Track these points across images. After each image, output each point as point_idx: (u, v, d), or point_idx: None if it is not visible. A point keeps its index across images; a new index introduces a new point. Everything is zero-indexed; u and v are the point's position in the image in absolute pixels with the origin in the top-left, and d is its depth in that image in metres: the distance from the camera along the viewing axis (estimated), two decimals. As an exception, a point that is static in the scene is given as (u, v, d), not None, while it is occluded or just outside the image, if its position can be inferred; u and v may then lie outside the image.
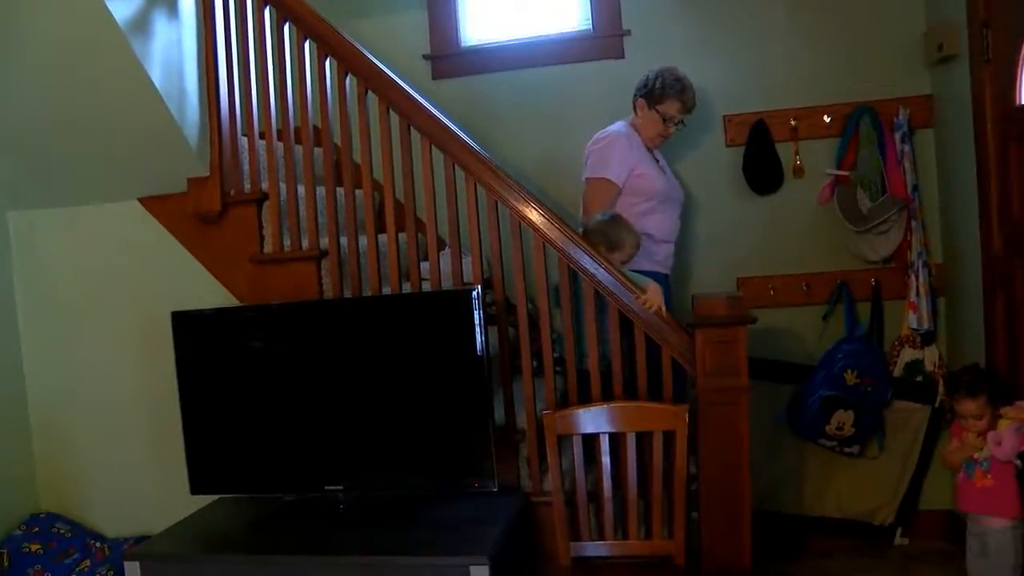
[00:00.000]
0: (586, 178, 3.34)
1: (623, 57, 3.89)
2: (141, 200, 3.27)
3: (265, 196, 3.14)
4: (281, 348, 2.94)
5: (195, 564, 2.64)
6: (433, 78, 4.01)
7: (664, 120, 3.35)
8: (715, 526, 2.74)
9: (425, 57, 4.04)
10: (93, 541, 3.33)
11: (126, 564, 2.65)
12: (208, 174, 3.12)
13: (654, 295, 2.82)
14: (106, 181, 3.26)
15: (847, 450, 3.58)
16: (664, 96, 3.33)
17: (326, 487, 2.85)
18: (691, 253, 3.81)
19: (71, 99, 2.98)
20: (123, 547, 3.19)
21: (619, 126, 3.38)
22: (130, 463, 3.43)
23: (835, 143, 3.68)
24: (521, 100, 3.96)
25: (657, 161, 3.44)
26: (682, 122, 3.40)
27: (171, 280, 3.26)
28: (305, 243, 3.12)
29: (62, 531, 3.35)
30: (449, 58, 4.05)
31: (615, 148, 3.29)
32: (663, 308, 2.81)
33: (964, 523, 3.29)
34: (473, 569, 2.39)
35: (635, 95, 3.40)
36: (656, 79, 3.34)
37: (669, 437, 2.67)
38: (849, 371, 3.46)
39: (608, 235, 3.02)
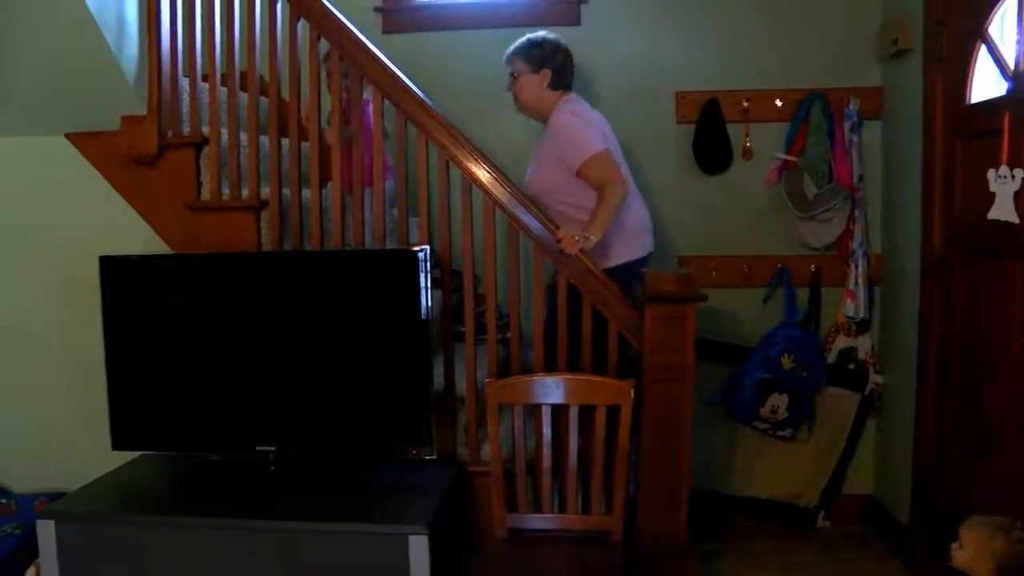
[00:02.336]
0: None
1: (579, 24, 3.81)
2: (69, 136, 3.07)
3: (205, 141, 2.98)
4: (216, 300, 2.81)
5: (116, 524, 2.51)
6: (383, 32, 3.87)
7: None
8: (653, 503, 2.74)
9: (376, 10, 3.90)
10: (-1, 497, 3.15)
11: (39, 523, 2.50)
12: (145, 113, 2.94)
13: (567, 238, 2.78)
14: (30, 112, 3.05)
15: (779, 433, 3.61)
16: None
17: (257, 447, 2.75)
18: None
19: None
20: (33, 503, 3.03)
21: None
22: (42, 414, 3.25)
23: (785, 127, 3.68)
24: (472, 62, 3.85)
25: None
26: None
27: (98, 222, 3.07)
28: (245, 192, 2.97)
29: (-36, 487, 3.17)
30: (401, 12, 3.92)
31: None
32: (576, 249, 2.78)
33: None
34: (412, 539, 2.33)
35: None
36: None
37: (613, 412, 2.64)
38: (786, 355, 3.48)
39: None
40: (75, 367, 3.13)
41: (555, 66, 3.16)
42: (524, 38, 3.21)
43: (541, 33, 3.22)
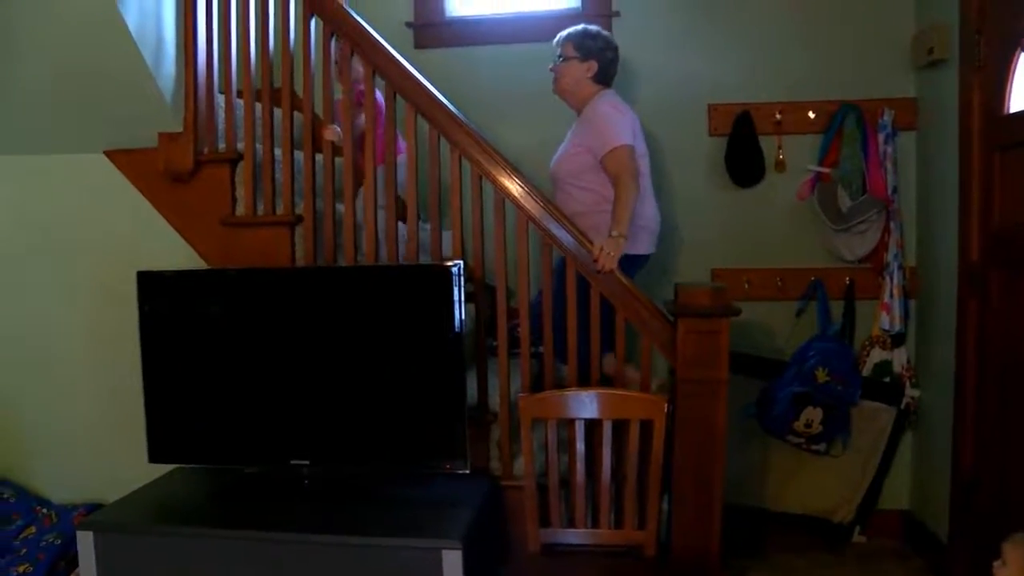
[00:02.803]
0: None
1: (611, 38, 3.81)
2: (107, 152, 3.12)
3: (240, 157, 3.02)
4: (251, 315, 2.83)
5: (153, 536, 2.53)
6: (415, 47, 3.90)
7: None
8: (686, 517, 2.72)
9: (408, 25, 3.93)
10: (39, 507, 3.19)
11: (79, 533, 2.54)
12: (181, 130, 2.98)
13: (604, 256, 2.78)
14: (70, 130, 3.10)
15: (814, 447, 3.57)
16: None
17: (292, 460, 2.76)
18: (666, 241, 3.76)
19: (35, 39, 2.81)
20: (71, 514, 3.07)
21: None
22: (80, 427, 3.30)
23: (819, 139, 3.66)
24: (504, 76, 3.87)
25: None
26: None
27: (135, 238, 3.14)
28: (279, 208, 3.00)
29: (6, 496, 3.21)
30: (433, 27, 3.95)
31: None
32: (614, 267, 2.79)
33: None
34: (445, 554, 2.33)
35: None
36: None
37: (646, 426, 2.63)
38: (820, 369, 3.45)
39: None
40: (113, 380, 3.18)
41: (603, 61, 3.23)
42: (581, 26, 3.27)
43: (596, 27, 3.29)
